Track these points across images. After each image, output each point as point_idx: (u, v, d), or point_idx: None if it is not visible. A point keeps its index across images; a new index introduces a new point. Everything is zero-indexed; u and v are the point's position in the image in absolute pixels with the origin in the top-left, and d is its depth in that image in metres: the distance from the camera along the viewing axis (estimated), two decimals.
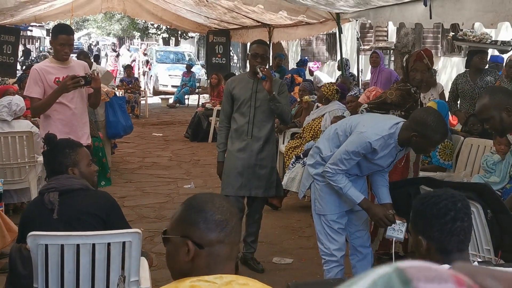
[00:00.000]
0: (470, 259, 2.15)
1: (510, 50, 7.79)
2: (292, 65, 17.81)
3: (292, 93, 10.41)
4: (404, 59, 4.88)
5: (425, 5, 6.27)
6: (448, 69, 13.20)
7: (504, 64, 7.74)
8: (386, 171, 3.89)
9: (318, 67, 14.18)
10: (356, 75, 13.05)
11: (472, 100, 7.22)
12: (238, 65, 28.34)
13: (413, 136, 3.52)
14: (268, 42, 13.00)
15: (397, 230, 3.63)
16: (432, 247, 2.05)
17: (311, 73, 13.48)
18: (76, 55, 9.10)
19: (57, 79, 4.81)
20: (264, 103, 4.61)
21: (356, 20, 9.73)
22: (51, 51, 34.95)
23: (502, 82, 6.55)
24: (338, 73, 11.50)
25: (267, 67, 4.76)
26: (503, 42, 8.00)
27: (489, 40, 8.64)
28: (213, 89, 13.10)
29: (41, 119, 4.98)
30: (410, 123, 3.57)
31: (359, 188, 3.92)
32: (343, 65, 10.22)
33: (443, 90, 7.40)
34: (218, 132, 4.89)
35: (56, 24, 7.10)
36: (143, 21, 24.83)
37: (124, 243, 2.96)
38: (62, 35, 4.80)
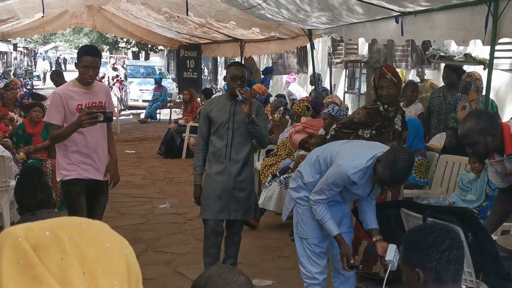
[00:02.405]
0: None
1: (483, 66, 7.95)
2: None
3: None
4: (372, 79, 4.94)
5: (397, 22, 6.35)
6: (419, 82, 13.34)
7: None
8: (373, 198, 3.91)
9: (295, 78, 14.09)
10: (329, 89, 13.14)
11: (439, 116, 7.31)
12: (208, 78, 28.30)
13: (377, 160, 3.58)
14: (240, 58, 13.05)
15: (396, 259, 3.55)
16: (429, 279, 2.04)
17: (288, 85, 13.48)
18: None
19: (79, 106, 4.48)
20: (242, 126, 4.58)
21: (328, 36, 9.81)
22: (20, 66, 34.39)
23: (465, 101, 6.66)
24: (310, 87, 11.55)
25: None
26: (441, 57, 8.26)
27: (437, 56, 8.89)
28: (186, 104, 13.04)
29: (57, 149, 4.67)
30: (385, 152, 3.60)
31: (341, 212, 3.95)
32: (316, 79, 10.28)
33: (422, 112, 7.46)
34: (195, 154, 4.84)
35: (82, 45, 6.79)
36: (113, 35, 24.62)
37: None
38: (86, 56, 4.44)
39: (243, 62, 13.36)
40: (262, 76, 14.23)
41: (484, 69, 7.53)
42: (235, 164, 4.62)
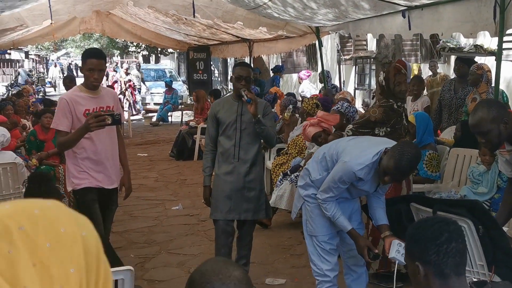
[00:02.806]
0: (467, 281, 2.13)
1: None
2: None
3: (273, 109, 10.40)
4: (382, 77, 4.87)
5: (404, 16, 6.33)
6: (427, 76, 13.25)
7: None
8: (382, 193, 3.89)
9: (308, 75, 13.94)
10: (339, 86, 13.09)
11: (450, 110, 7.24)
12: (219, 79, 28.33)
13: (384, 152, 3.55)
14: (249, 58, 13.05)
15: (402, 253, 3.56)
16: (429, 272, 2.04)
17: (299, 81, 13.36)
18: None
19: (87, 111, 4.36)
20: (249, 126, 4.58)
21: (336, 33, 9.78)
22: (30, 73, 34.65)
23: (474, 94, 6.60)
24: (321, 85, 11.52)
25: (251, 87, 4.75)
26: (451, 49, 8.23)
27: (447, 48, 8.85)
28: (197, 106, 13.04)
29: (66, 157, 4.56)
30: (392, 146, 3.57)
31: (350, 208, 3.93)
32: (325, 77, 10.26)
33: (429, 105, 7.41)
34: (204, 156, 4.84)
35: (86, 48, 6.64)
36: (122, 39, 24.70)
37: (116, 281, 2.91)
38: (91, 59, 4.32)
39: (252, 62, 13.39)
40: (272, 75, 14.19)
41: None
42: (243, 164, 4.62)
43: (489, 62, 10.01)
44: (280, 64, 15.84)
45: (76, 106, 4.37)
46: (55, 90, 33.56)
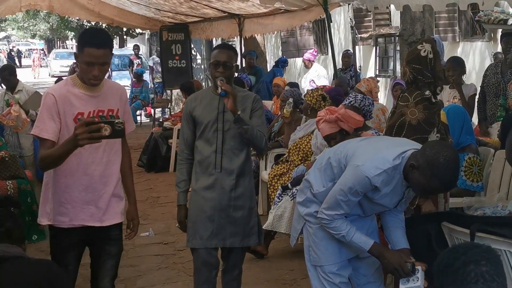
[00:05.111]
0: None
1: None
2: (271, 63, 17.84)
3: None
4: (429, 49, 4.63)
5: None
6: (470, 57, 13.32)
7: None
8: (400, 211, 3.89)
9: (315, 55, 13.67)
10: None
11: (496, 98, 7.24)
12: (202, 67, 28.36)
13: (411, 167, 3.54)
14: (239, 39, 13.06)
15: (412, 279, 3.61)
16: None
17: (308, 65, 13.11)
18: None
19: (79, 116, 3.94)
20: (235, 126, 4.56)
21: (349, 4, 9.81)
22: None
23: None
24: (340, 72, 11.54)
25: (236, 75, 4.76)
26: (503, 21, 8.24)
27: (496, 19, 8.84)
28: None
29: (45, 177, 4.13)
30: (418, 152, 3.56)
31: (365, 229, 3.93)
32: (334, 61, 10.21)
33: (475, 93, 7.40)
34: (178, 166, 4.84)
35: (85, 29, 5.96)
36: (76, 18, 24.73)
37: None
38: (90, 48, 3.87)
39: (242, 43, 13.40)
40: (272, 68, 14.01)
41: None
42: (228, 176, 4.62)
43: None
44: (282, 48, 15.70)
45: (66, 106, 3.97)
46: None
